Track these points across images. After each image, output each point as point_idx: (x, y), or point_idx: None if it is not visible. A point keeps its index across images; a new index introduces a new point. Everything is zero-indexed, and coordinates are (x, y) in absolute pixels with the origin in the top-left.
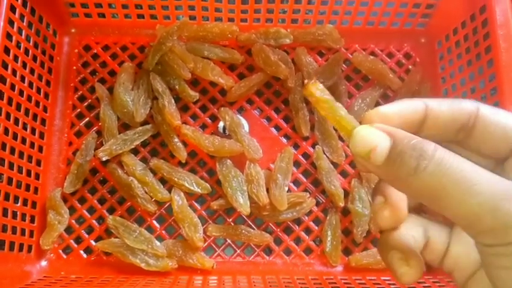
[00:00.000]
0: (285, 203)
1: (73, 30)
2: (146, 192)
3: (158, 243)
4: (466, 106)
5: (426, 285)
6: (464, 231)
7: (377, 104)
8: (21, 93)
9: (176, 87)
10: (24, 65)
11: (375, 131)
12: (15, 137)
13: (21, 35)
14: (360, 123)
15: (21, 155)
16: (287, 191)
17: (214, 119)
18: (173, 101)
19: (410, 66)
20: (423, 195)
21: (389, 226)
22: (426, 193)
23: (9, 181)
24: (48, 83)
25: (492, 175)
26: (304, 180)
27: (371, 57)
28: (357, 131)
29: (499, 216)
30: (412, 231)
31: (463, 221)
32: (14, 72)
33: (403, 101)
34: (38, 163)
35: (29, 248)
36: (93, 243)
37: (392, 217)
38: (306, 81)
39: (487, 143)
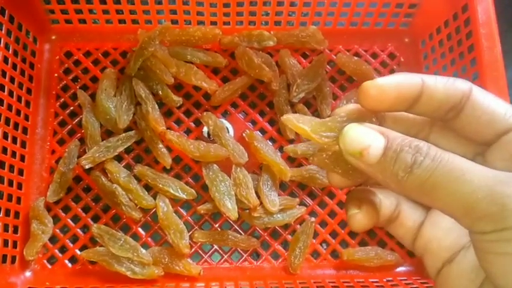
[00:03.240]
0: (277, 204)
1: (53, 37)
2: (130, 200)
3: (143, 250)
4: (460, 86)
5: (414, 286)
6: (460, 223)
7: None
8: (1, 102)
9: (160, 92)
10: (3, 74)
11: (368, 130)
12: None
13: None
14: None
15: (2, 165)
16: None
17: (199, 123)
18: (156, 106)
19: (394, 66)
20: (416, 190)
21: (362, 229)
22: (419, 188)
23: None
24: (29, 91)
25: (481, 166)
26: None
27: (355, 58)
28: (347, 129)
29: (495, 200)
30: (382, 195)
31: (456, 212)
32: None
33: (401, 74)
34: (21, 172)
35: (13, 259)
36: (78, 252)
37: (365, 220)
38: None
39: (473, 126)
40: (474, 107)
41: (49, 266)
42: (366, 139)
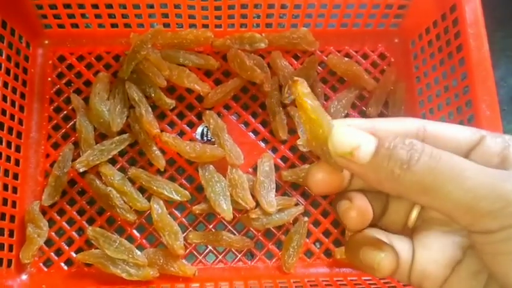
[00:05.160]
0: (274, 205)
1: (46, 42)
2: (125, 202)
3: (138, 252)
4: (410, 124)
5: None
6: (459, 222)
7: (353, 105)
8: None
9: (153, 95)
10: None
11: (356, 131)
12: None
13: None
14: None
15: None
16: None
17: (192, 125)
18: (150, 109)
19: (385, 67)
20: (413, 190)
21: (357, 227)
22: (417, 186)
23: None
24: (23, 96)
25: (480, 165)
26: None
27: (346, 59)
28: (336, 130)
29: (499, 197)
30: (379, 236)
31: (456, 210)
32: None
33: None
34: (15, 177)
35: (9, 262)
36: (73, 255)
37: (359, 217)
38: (294, 79)
39: None
40: (435, 139)
41: (45, 269)
42: (355, 139)
